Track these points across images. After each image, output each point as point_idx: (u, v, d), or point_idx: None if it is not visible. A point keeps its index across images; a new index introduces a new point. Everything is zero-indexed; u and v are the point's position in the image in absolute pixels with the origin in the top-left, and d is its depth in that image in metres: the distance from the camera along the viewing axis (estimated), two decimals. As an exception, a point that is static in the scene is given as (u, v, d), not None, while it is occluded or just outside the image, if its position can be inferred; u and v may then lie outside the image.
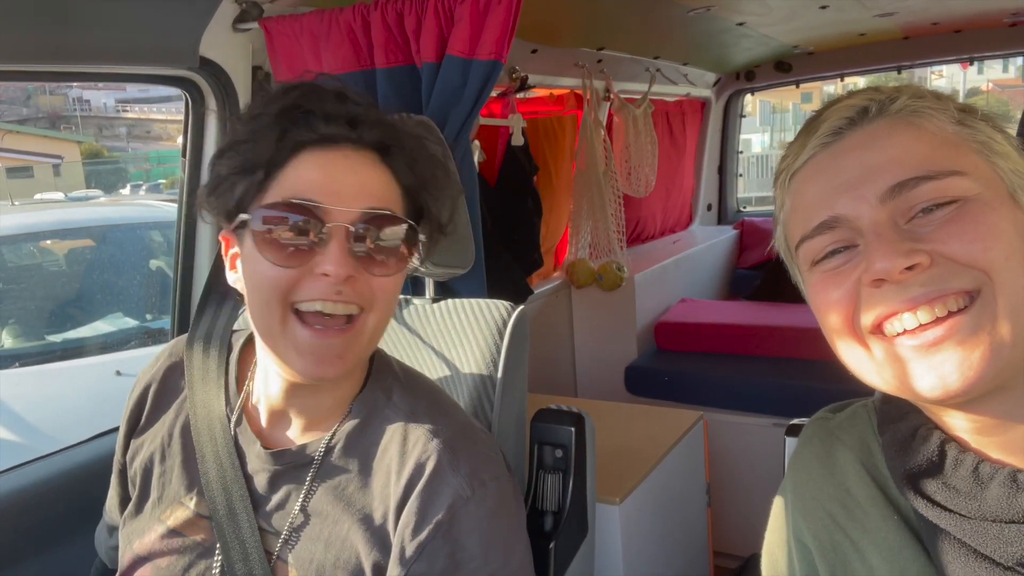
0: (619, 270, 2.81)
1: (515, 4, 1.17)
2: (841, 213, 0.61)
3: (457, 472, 0.83)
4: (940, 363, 0.57)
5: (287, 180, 0.81)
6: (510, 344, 1.08)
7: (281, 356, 0.83)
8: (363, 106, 0.86)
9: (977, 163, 0.61)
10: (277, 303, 0.80)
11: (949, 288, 0.57)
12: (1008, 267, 0.57)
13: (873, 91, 0.65)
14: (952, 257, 0.57)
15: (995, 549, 0.59)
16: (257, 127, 0.82)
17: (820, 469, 0.73)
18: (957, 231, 0.57)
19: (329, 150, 0.83)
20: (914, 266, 0.57)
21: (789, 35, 2.98)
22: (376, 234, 0.82)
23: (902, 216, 0.60)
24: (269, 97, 0.85)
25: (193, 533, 0.90)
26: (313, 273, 0.80)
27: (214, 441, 0.91)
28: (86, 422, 1.44)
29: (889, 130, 0.62)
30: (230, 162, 0.83)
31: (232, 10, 1.42)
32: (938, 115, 0.62)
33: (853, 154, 0.62)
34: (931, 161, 0.60)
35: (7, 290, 3.48)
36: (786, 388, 2.51)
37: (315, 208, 0.80)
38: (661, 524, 1.80)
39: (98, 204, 7.68)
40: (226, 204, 0.83)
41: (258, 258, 0.81)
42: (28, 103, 19.24)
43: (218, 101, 1.50)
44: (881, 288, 0.59)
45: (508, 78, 2.31)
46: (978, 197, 0.59)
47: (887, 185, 0.60)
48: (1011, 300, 0.56)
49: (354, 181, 0.83)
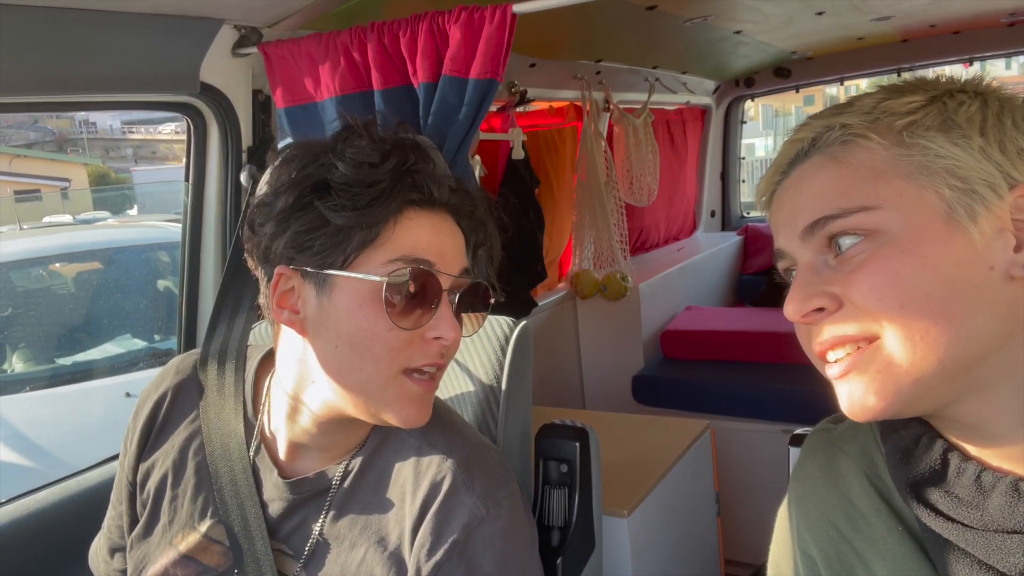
0: (623, 280, 2.81)
1: (509, 22, 1.18)
2: (781, 247, 0.67)
3: (472, 492, 0.83)
4: (852, 389, 0.62)
5: (400, 238, 0.81)
6: (513, 359, 1.08)
7: (376, 405, 0.82)
8: (441, 166, 0.87)
9: (902, 190, 0.60)
10: (388, 363, 0.80)
11: (847, 336, 0.61)
12: (902, 315, 0.58)
13: (821, 118, 0.66)
14: (856, 302, 0.60)
15: (999, 559, 0.59)
16: (374, 178, 0.80)
17: (823, 480, 0.73)
18: (861, 278, 0.60)
19: (433, 212, 0.84)
20: (820, 309, 0.62)
21: (787, 41, 2.99)
22: (471, 299, 0.86)
23: (829, 252, 0.63)
24: (376, 145, 0.82)
25: (206, 559, 0.90)
26: (424, 337, 0.81)
27: (229, 461, 0.91)
28: (97, 445, 1.45)
29: (816, 168, 0.64)
30: (341, 207, 0.79)
31: (231, 36, 1.44)
32: (871, 141, 0.61)
33: (787, 195, 0.66)
34: (846, 196, 0.61)
35: (17, 314, 3.51)
36: (794, 394, 2.50)
37: (435, 271, 0.81)
38: (670, 535, 1.80)
39: (106, 226, 7.72)
40: (330, 252, 0.80)
41: (371, 315, 0.79)
42: (35, 127, 19.43)
43: (220, 125, 1.51)
44: (802, 327, 0.65)
45: (507, 92, 2.33)
46: (889, 236, 0.59)
47: (803, 224, 0.63)
48: (903, 346, 0.58)
49: (453, 245, 0.85)
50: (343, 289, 0.80)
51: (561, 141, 2.90)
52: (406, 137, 0.86)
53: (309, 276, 0.82)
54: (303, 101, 1.40)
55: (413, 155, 0.83)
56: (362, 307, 0.79)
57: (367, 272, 0.80)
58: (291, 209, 0.81)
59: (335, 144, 0.83)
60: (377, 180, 0.80)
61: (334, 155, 0.81)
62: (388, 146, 0.82)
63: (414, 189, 0.82)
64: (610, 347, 2.94)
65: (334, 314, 0.81)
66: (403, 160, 0.82)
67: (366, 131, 0.84)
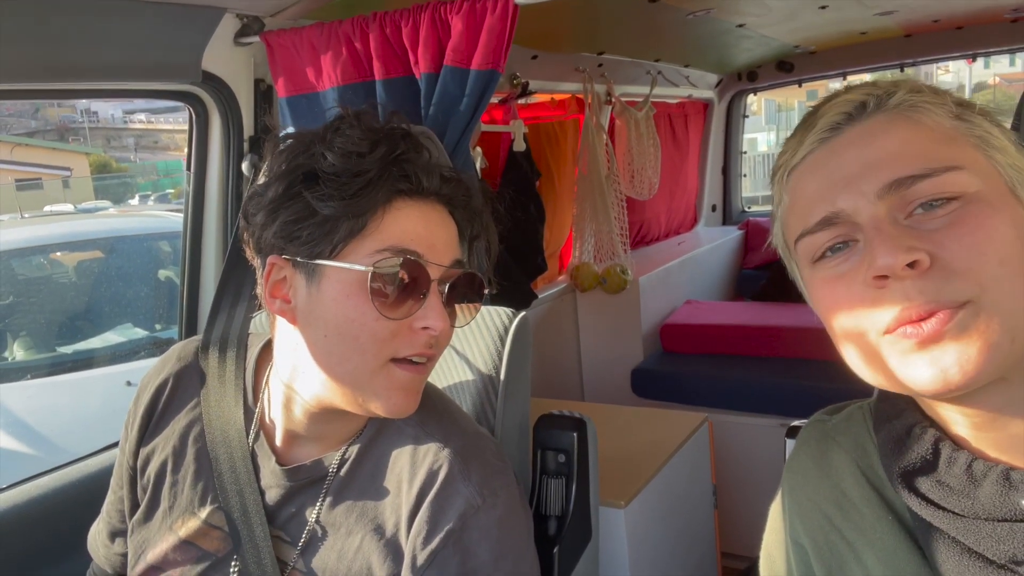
0: (623, 273, 2.82)
1: (511, 13, 1.18)
2: (841, 208, 0.61)
3: (468, 481, 0.84)
4: (939, 356, 0.57)
5: (389, 228, 0.80)
6: (512, 350, 1.09)
7: (364, 395, 0.82)
8: (435, 155, 0.87)
9: (975, 157, 0.61)
10: (375, 353, 0.80)
11: (944, 299, 0.57)
12: (1002, 274, 0.57)
13: (871, 86, 0.65)
14: (949, 261, 0.57)
15: (988, 547, 0.60)
16: (362, 167, 0.80)
17: (816, 471, 0.74)
18: (954, 236, 0.57)
19: (423, 202, 0.83)
20: (915, 263, 0.57)
21: (790, 35, 2.98)
22: (462, 291, 0.85)
23: (901, 211, 0.60)
24: (365, 135, 0.82)
25: (206, 544, 0.91)
26: (412, 327, 0.81)
27: (228, 447, 0.92)
28: (97, 433, 1.46)
29: (887, 125, 0.62)
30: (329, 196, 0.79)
31: (233, 25, 1.44)
32: (936, 110, 0.62)
33: (851, 149, 0.62)
34: (929, 156, 0.60)
35: (18, 303, 3.52)
36: (793, 388, 2.51)
37: (423, 261, 0.81)
38: (667, 527, 1.81)
39: (107, 215, 7.72)
40: (318, 241, 0.80)
41: (358, 305, 0.79)
42: (36, 116, 19.40)
43: (221, 114, 1.52)
44: (885, 288, 0.58)
45: (509, 84, 2.33)
46: (977, 195, 0.59)
47: (885, 181, 0.60)
48: (1003, 306, 0.56)
49: (444, 236, 0.85)
50: (331, 279, 0.80)
51: (563, 133, 2.90)
52: (398, 127, 0.85)
53: (299, 266, 0.82)
54: (305, 91, 1.40)
55: (404, 144, 0.83)
56: (349, 297, 0.79)
57: (354, 262, 0.80)
58: (280, 199, 0.81)
59: (325, 134, 0.83)
60: (365, 169, 0.79)
61: (324, 145, 0.81)
62: (378, 136, 0.82)
63: (403, 179, 0.81)
64: (610, 340, 2.95)
65: (322, 304, 0.81)
66: (392, 149, 0.81)
67: (358, 121, 0.83)
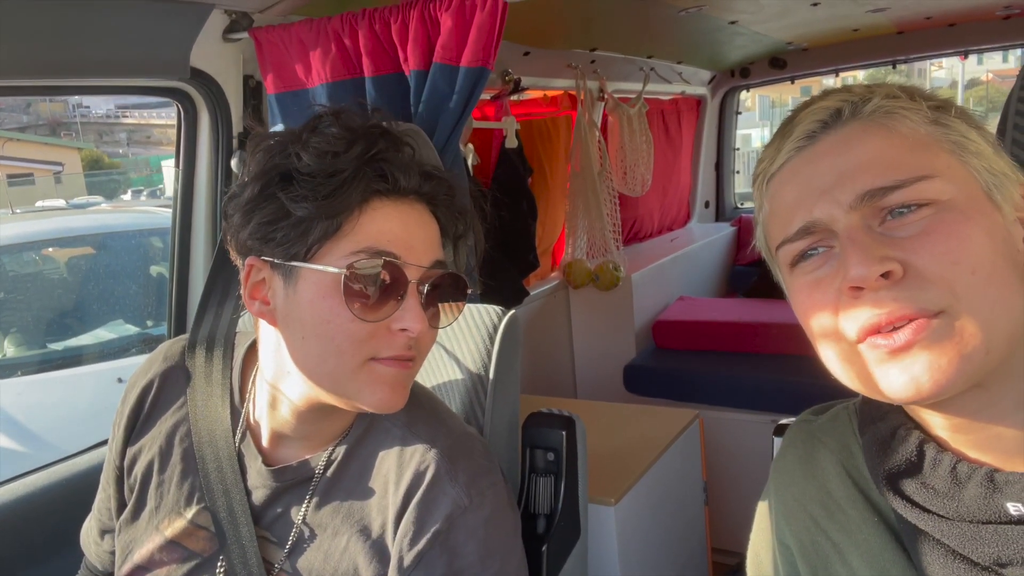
0: (615, 269, 2.82)
1: (500, 10, 1.18)
2: (817, 218, 0.62)
3: (455, 482, 0.84)
4: (910, 365, 0.57)
5: (364, 229, 0.79)
6: (501, 348, 1.08)
7: (348, 393, 0.81)
8: (416, 152, 0.85)
9: (950, 163, 0.61)
10: (352, 354, 0.79)
11: (917, 307, 0.57)
12: (975, 282, 0.57)
13: (846, 92, 0.65)
14: (922, 270, 0.57)
15: (972, 550, 0.60)
16: (336, 167, 0.78)
17: (801, 471, 0.74)
18: (927, 244, 0.57)
19: (401, 202, 0.82)
20: (888, 273, 0.57)
21: (782, 32, 2.98)
22: (444, 291, 0.84)
23: (875, 219, 0.60)
24: (341, 134, 0.81)
25: (192, 544, 0.91)
26: (390, 329, 0.80)
27: (215, 447, 0.92)
28: (87, 430, 1.45)
29: (861, 134, 0.62)
30: (303, 197, 0.78)
31: (222, 21, 1.43)
32: (911, 115, 0.62)
33: (826, 159, 0.63)
34: (901, 166, 0.60)
35: (9, 299, 3.50)
36: (784, 385, 2.51)
37: (400, 263, 0.80)
38: (657, 523, 1.81)
39: (99, 211, 7.68)
40: (293, 243, 0.79)
41: (333, 307, 0.78)
42: (28, 110, 19.28)
43: (210, 111, 1.51)
44: (859, 297, 0.59)
45: (501, 81, 2.32)
46: (950, 203, 0.59)
47: (859, 192, 0.60)
48: (977, 315, 0.56)
49: (424, 236, 0.83)
50: (307, 281, 0.80)
51: (555, 130, 2.90)
52: (377, 124, 0.84)
53: (277, 267, 0.82)
54: (294, 87, 1.39)
55: (382, 142, 0.81)
56: (324, 299, 0.78)
57: (329, 263, 0.79)
58: (256, 199, 0.81)
59: (302, 133, 0.82)
60: (340, 169, 0.78)
61: (299, 145, 0.80)
62: (355, 134, 0.81)
63: (379, 178, 0.80)
64: (602, 337, 2.95)
65: (299, 306, 0.80)
66: (368, 148, 0.80)
67: (337, 119, 0.82)
